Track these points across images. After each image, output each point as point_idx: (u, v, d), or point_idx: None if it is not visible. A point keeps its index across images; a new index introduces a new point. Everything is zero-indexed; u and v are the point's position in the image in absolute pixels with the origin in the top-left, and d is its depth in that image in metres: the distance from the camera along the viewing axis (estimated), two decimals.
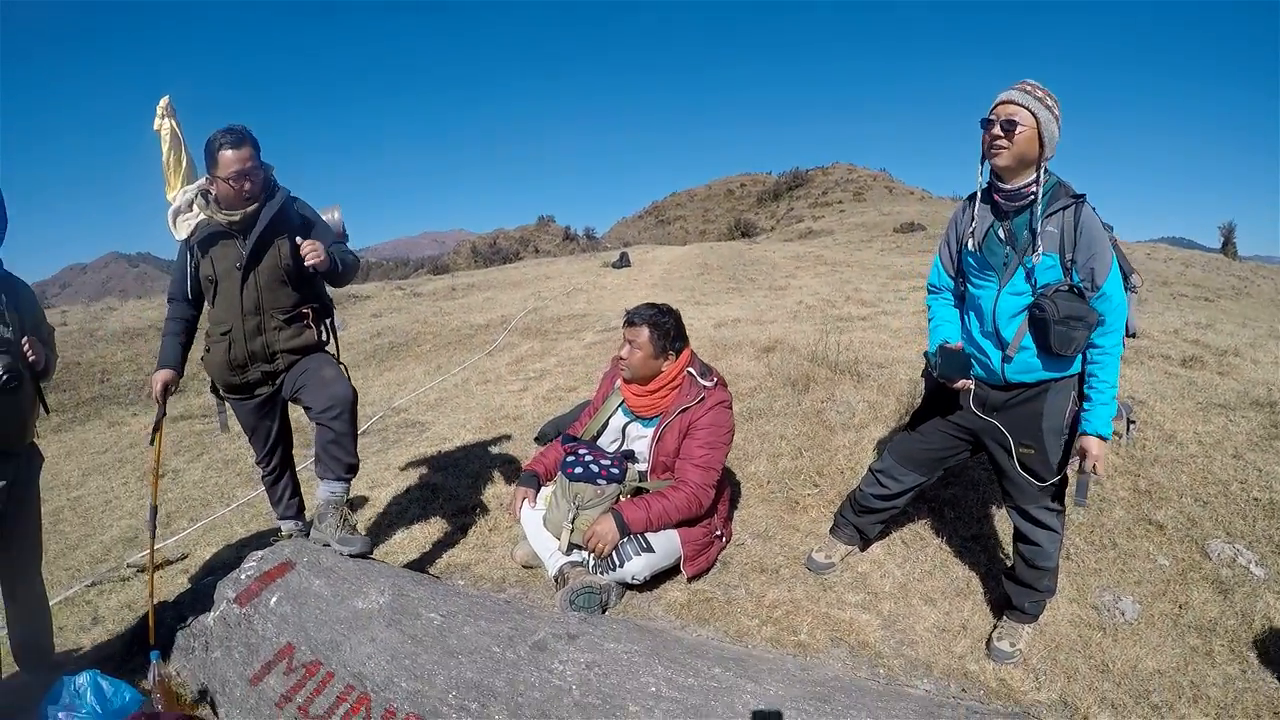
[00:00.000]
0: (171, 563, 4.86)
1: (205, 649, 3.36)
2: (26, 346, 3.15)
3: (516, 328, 11.68)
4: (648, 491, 3.63)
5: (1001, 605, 3.44)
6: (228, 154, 3.42)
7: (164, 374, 3.65)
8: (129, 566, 4.88)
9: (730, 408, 3.75)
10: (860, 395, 5.79)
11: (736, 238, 32.74)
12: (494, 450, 5.94)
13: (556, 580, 3.61)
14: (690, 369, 3.76)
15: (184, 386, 10.18)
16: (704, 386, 3.69)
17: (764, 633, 3.40)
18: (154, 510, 3.69)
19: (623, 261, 19.18)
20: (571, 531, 3.53)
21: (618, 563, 3.47)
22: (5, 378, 3.03)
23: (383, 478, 5.79)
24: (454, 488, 5.30)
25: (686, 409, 3.62)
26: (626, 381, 3.76)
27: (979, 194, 3.06)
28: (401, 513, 5.05)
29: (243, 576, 3.59)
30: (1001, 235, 3.00)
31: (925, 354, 3.30)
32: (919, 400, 3.82)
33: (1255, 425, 4.92)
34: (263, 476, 4.24)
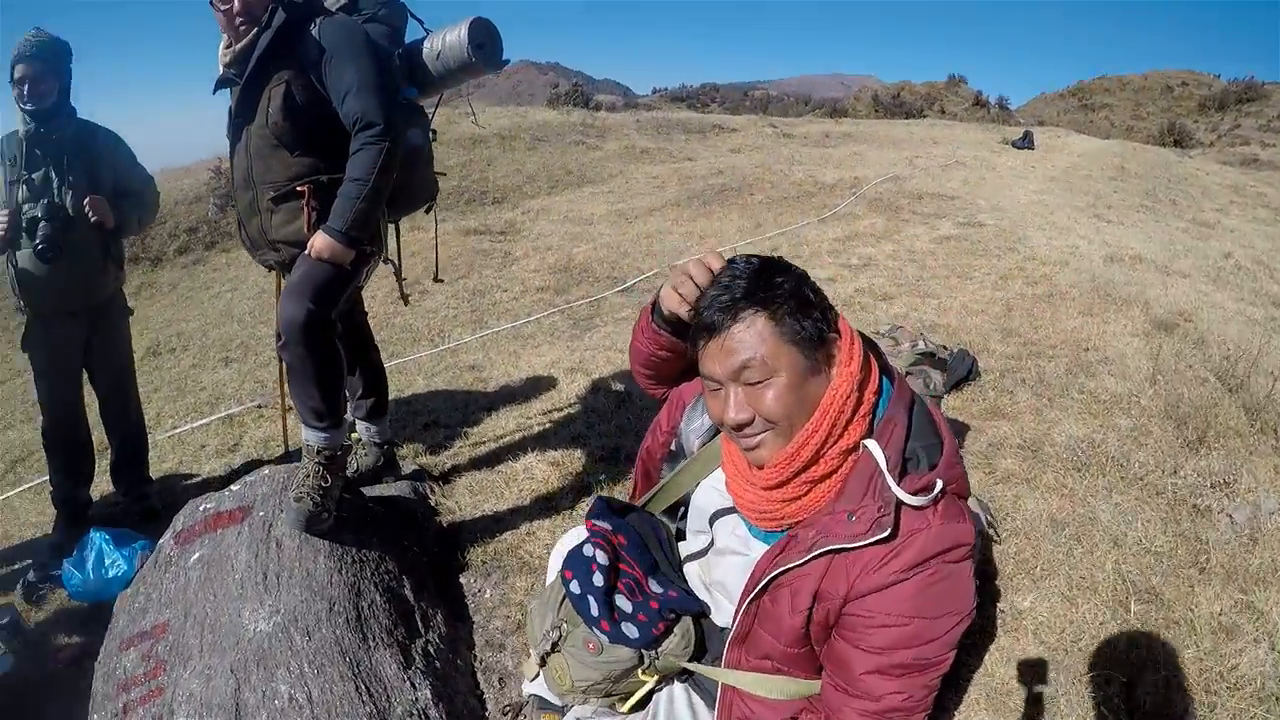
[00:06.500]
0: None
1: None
2: (88, 207, 3.13)
3: (866, 195, 9.67)
4: (693, 678, 1.77)
5: None
6: None
7: None
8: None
9: (969, 557, 1.38)
10: None
11: (1167, 144, 25.69)
12: None
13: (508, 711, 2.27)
14: (879, 418, 1.44)
15: None
16: (908, 504, 1.33)
17: None
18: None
19: (1025, 141, 15.54)
20: (543, 663, 1.94)
21: None
22: (41, 248, 3.07)
23: (582, 361, 4.70)
24: (637, 406, 3.99)
25: (844, 554, 1.36)
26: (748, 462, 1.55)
27: None
28: (534, 434, 3.88)
29: (202, 508, 2.75)
30: None
31: None
32: None
33: None
34: None
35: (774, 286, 1.39)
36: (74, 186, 3.14)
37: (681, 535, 1.87)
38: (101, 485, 3.79)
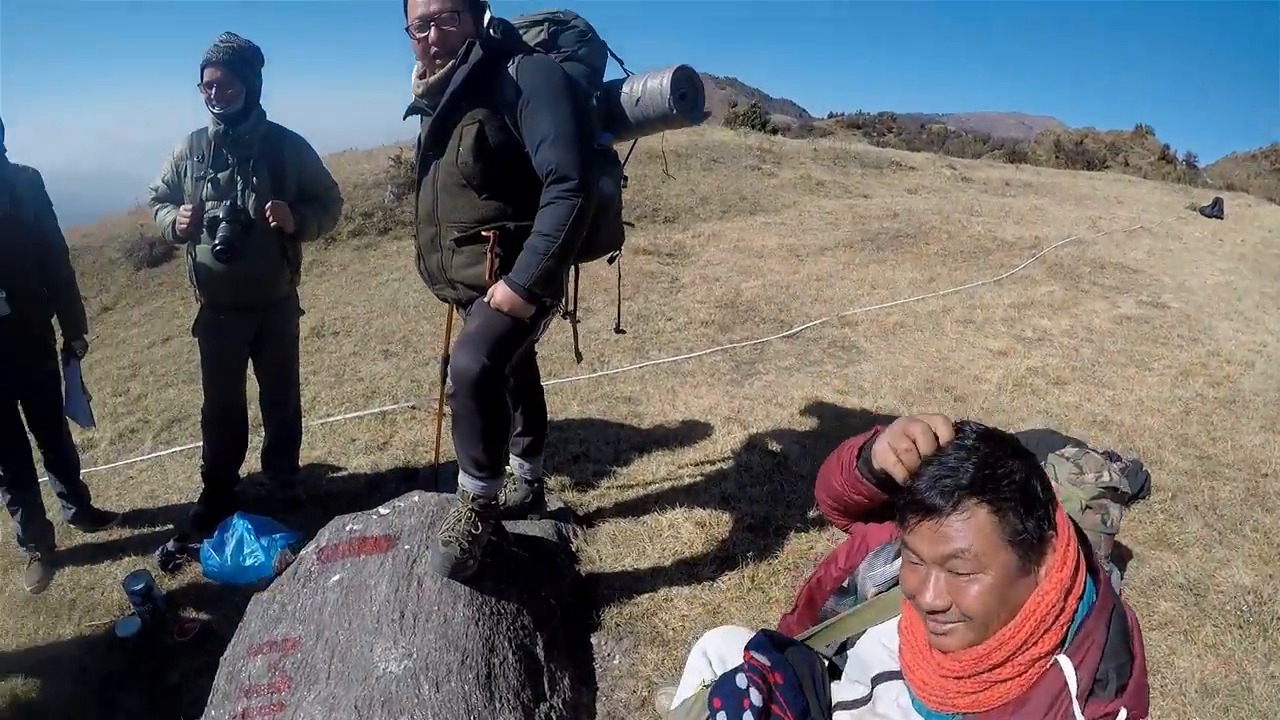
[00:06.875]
0: None
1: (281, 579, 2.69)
2: (269, 212, 3.18)
3: (1045, 258, 9.01)
4: None
5: None
6: None
7: None
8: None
9: None
10: None
11: None
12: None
13: None
14: (1077, 626, 1.27)
15: None
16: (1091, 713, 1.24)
17: None
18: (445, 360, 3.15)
19: (1214, 209, 14.14)
20: None
21: None
22: (219, 249, 3.12)
23: (740, 411, 4.49)
24: (792, 474, 3.76)
25: None
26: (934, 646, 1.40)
27: None
28: (683, 486, 3.69)
29: (348, 528, 2.72)
30: None
31: None
32: None
33: None
34: None
35: (1001, 477, 1.26)
36: (257, 190, 3.19)
37: (835, 672, 1.70)
38: (251, 462, 3.87)
